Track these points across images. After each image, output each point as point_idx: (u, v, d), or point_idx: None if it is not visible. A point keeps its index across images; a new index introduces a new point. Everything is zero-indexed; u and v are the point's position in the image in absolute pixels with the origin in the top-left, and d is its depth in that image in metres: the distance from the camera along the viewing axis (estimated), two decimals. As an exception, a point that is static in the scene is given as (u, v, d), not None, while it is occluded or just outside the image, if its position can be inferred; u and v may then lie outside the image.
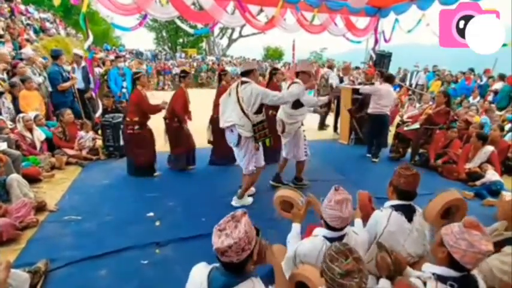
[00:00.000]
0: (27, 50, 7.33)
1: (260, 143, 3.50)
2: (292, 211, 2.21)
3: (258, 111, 3.39)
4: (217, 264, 1.36)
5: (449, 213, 2.05)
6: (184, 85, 4.57)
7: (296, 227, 2.13)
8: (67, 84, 5.78)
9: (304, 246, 1.82)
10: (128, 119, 4.35)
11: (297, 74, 3.93)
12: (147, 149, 4.50)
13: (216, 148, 4.97)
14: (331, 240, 1.74)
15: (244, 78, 3.39)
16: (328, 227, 1.78)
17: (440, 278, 1.42)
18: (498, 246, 1.83)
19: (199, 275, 1.39)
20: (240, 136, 3.36)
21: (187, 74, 4.71)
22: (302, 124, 4.09)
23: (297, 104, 3.83)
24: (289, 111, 3.92)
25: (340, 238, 1.78)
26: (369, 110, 5.49)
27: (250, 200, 3.85)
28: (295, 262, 1.84)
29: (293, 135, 4.01)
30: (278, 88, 4.81)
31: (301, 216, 2.16)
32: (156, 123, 4.71)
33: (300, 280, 1.65)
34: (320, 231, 1.84)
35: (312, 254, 1.76)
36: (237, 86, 3.38)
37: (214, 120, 4.77)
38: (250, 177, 3.60)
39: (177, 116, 4.48)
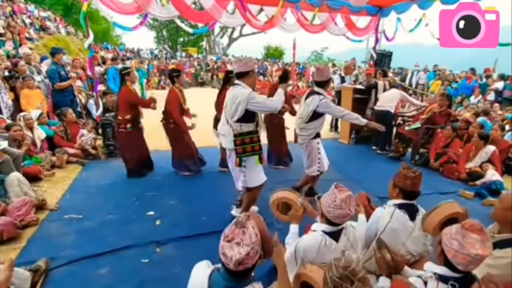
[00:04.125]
0: (25, 50, 7.34)
1: (255, 159, 2.95)
2: (289, 213, 2.17)
3: (247, 120, 2.86)
4: (219, 265, 1.35)
5: (449, 225, 2.06)
6: (179, 85, 4.35)
7: (294, 228, 2.11)
8: (64, 83, 5.77)
9: (303, 241, 1.83)
10: (119, 117, 4.24)
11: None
12: (140, 148, 4.41)
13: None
14: (330, 234, 1.79)
15: (237, 81, 2.92)
16: (330, 223, 1.80)
17: (441, 278, 1.41)
18: None
19: (200, 276, 1.38)
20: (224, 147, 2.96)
21: (180, 72, 4.44)
22: (318, 136, 3.60)
23: (312, 117, 3.43)
24: (301, 124, 3.53)
25: (339, 232, 1.81)
26: (375, 107, 5.89)
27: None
28: (296, 258, 1.84)
29: (305, 146, 3.62)
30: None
31: (300, 218, 2.13)
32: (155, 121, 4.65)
33: (306, 281, 1.65)
34: (318, 226, 1.86)
35: (312, 248, 1.77)
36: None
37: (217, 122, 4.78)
38: (249, 194, 3.14)
39: (173, 119, 4.26)
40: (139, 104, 4.35)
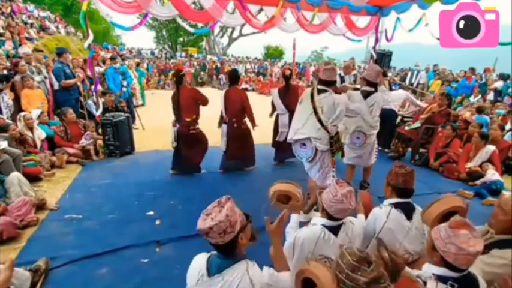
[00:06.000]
0: (25, 49, 7.34)
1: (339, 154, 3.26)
2: (290, 203, 2.20)
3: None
4: (215, 252, 1.46)
5: (448, 219, 2.06)
6: (238, 86, 4.55)
7: (295, 218, 2.15)
8: (71, 81, 5.82)
9: (302, 233, 1.85)
10: (187, 119, 4.23)
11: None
12: (204, 147, 4.59)
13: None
14: (329, 228, 1.81)
15: (321, 87, 3.05)
16: (330, 217, 1.82)
17: (440, 278, 1.42)
18: (488, 248, 1.82)
19: (199, 262, 1.47)
20: (316, 150, 3.09)
21: (239, 74, 4.70)
22: None
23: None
24: (374, 124, 3.66)
25: (338, 227, 1.83)
26: None
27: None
28: (294, 249, 1.86)
29: (372, 143, 3.82)
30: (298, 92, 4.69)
31: (300, 208, 2.18)
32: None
33: (308, 277, 1.65)
34: (318, 220, 1.88)
35: (310, 240, 1.79)
36: (312, 95, 3.06)
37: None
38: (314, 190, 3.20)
39: (249, 116, 4.45)
40: (202, 99, 4.30)
